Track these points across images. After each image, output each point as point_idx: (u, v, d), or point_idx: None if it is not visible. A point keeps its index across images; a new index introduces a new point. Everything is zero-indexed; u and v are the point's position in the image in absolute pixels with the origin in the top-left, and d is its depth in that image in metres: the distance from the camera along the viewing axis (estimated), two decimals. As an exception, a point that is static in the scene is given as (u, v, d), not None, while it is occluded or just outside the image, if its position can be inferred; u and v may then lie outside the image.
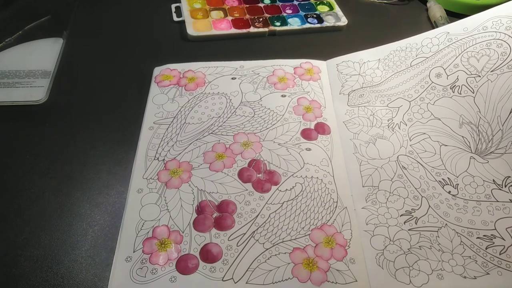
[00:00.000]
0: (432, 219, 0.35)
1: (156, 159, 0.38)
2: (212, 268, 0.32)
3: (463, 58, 0.41)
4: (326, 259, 0.32)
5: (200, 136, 0.41)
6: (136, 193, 0.36)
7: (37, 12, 0.53)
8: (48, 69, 0.46)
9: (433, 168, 0.38)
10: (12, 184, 0.37)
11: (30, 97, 0.43)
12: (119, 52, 0.50)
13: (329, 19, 0.56)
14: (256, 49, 0.52)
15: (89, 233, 0.34)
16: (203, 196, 0.36)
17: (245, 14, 0.56)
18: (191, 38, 0.52)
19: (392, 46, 0.47)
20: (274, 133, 0.41)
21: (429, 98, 0.42)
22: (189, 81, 0.46)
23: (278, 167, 0.38)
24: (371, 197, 0.36)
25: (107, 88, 0.46)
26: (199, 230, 0.34)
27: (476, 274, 0.32)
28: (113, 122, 0.42)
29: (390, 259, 0.33)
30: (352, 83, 0.46)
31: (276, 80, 0.46)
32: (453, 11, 0.58)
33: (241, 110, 0.43)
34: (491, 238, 0.34)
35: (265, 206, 0.35)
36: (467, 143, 0.39)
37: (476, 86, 0.40)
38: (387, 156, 0.39)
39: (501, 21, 0.40)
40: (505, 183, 0.36)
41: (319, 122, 0.42)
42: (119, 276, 0.31)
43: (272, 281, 0.31)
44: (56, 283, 0.31)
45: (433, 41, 0.44)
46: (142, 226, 0.34)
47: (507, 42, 0.39)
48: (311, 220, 0.35)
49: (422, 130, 0.41)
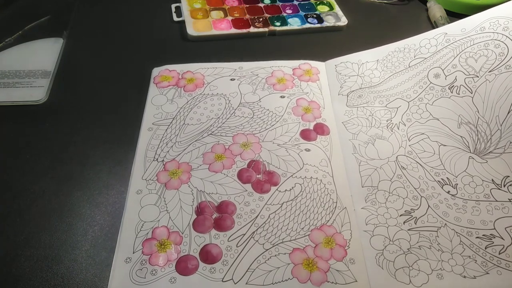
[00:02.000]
0: (431, 219, 0.35)
1: (155, 160, 0.38)
2: (212, 269, 0.32)
3: (461, 58, 0.42)
4: (326, 259, 0.32)
5: (199, 137, 0.41)
6: (135, 194, 0.36)
7: (37, 12, 0.53)
8: (48, 69, 0.46)
9: (432, 168, 0.38)
10: (12, 184, 0.37)
11: (30, 97, 0.43)
12: (119, 52, 0.50)
13: (329, 19, 0.56)
14: (256, 49, 0.52)
15: (89, 233, 0.34)
16: (202, 197, 0.36)
17: (245, 14, 0.56)
18: (191, 38, 0.52)
19: (391, 47, 0.47)
20: (273, 133, 0.41)
21: (428, 99, 0.42)
22: (188, 82, 0.46)
23: (277, 168, 0.38)
24: (371, 197, 0.37)
25: (107, 88, 0.46)
26: (199, 231, 0.34)
27: (475, 274, 0.32)
28: (113, 122, 0.42)
29: (390, 259, 0.33)
30: (351, 83, 0.46)
31: (275, 81, 0.46)
32: (453, 11, 0.58)
33: (240, 111, 0.43)
34: (490, 237, 0.34)
35: (264, 207, 0.35)
36: (466, 143, 0.39)
37: (474, 87, 0.40)
38: (386, 157, 0.39)
39: (499, 22, 0.41)
40: (504, 182, 0.36)
41: (318, 122, 0.42)
42: (119, 277, 0.31)
43: (272, 282, 0.31)
44: (56, 283, 0.31)
45: (431, 42, 0.44)
46: (141, 227, 0.34)
47: (505, 42, 0.40)
48: (311, 220, 0.35)
49: (421, 130, 0.41)
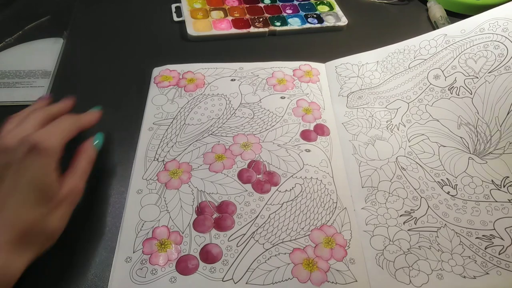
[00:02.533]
0: (431, 220, 0.35)
1: (155, 159, 0.38)
2: (212, 268, 0.32)
3: (460, 59, 0.42)
4: (326, 259, 0.33)
5: (199, 137, 0.41)
6: (135, 193, 0.36)
7: (37, 12, 0.53)
8: (48, 69, 0.46)
9: (432, 168, 0.38)
10: (12, 184, 0.36)
11: (30, 97, 0.43)
12: (120, 52, 0.50)
13: (329, 19, 0.56)
14: (256, 49, 0.52)
15: (89, 233, 0.34)
16: (203, 197, 0.36)
17: (245, 14, 0.56)
18: (191, 38, 0.52)
19: (390, 49, 0.47)
20: (273, 134, 0.41)
21: (428, 100, 0.42)
22: (189, 82, 0.46)
23: (277, 168, 0.38)
24: (371, 197, 0.37)
25: (108, 88, 0.46)
26: (199, 231, 0.34)
27: (475, 274, 0.32)
28: (114, 122, 0.42)
29: (390, 259, 0.33)
30: (351, 85, 0.46)
31: (275, 82, 0.46)
32: (453, 11, 0.58)
33: (241, 111, 0.43)
34: (490, 238, 0.34)
35: (264, 207, 0.36)
36: (465, 144, 0.39)
37: (474, 88, 0.40)
38: (386, 157, 0.39)
39: (498, 23, 0.41)
40: (504, 183, 0.36)
41: (318, 123, 0.42)
42: (119, 277, 0.31)
43: (272, 282, 0.31)
44: (56, 283, 0.31)
45: (430, 43, 0.44)
46: (142, 226, 0.34)
47: (504, 43, 0.40)
48: (311, 220, 0.35)
49: (420, 131, 0.41)
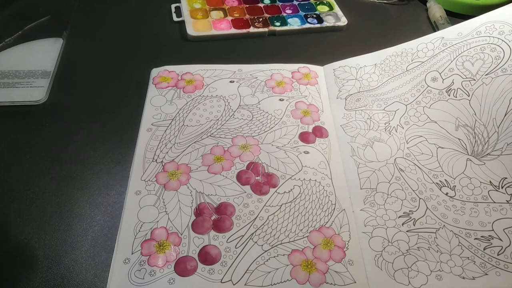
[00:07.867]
0: (430, 221, 0.35)
1: (154, 161, 0.38)
2: (210, 270, 0.32)
3: (458, 62, 0.42)
4: (324, 260, 0.33)
5: (198, 138, 0.41)
6: (134, 195, 0.36)
7: (37, 12, 0.53)
8: (48, 69, 0.46)
9: (430, 170, 0.39)
10: (12, 184, 0.37)
11: (30, 97, 0.43)
12: (119, 52, 0.50)
13: (329, 19, 0.56)
14: (256, 49, 0.52)
15: (89, 233, 0.34)
16: (201, 198, 0.36)
17: (245, 14, 0.56)
18: (191, 38, 0.52)
19: (388, 51, 0.47)
20: (272, 136, 0.41)
21: (425, 102, 0.42)
22: (187, 84, 0.46)
23: (276, 170, 0.38)
24: (369, 199, 0.37)
25: (108, 88, 0.46)
26: (198, 232, 0.34)
27: (474, 275, 0.32)
28: (113, 122, 0.42)
29: (389, 260, 0.33)
30: (349, 87, 0.46)
31: (274, 84, 0.47)
32: (453, 11, 0.58)
33: (240, 113, 0.43)
34: (488, 239, 0.34)
35: (263, 209, 0.36)
36: (463, 145, 0.39)
37: (471, 90, 0.40)
38: (385, 159, 0.40)
39: (494, 26, 0.41)
40: (502, 184, 0.37)
41: (317, 125, 0.43)
42: (117, 278, 0.31)
43: (270, 283, 0.31)
44: (56, 283, 0.31)
45: (428, 46, 0.44)
46: (140, 228, 0.34)
47: (501, 46, 0.40)
48: (310, 222, 0.35)
49: (418, 133, 0.41)
